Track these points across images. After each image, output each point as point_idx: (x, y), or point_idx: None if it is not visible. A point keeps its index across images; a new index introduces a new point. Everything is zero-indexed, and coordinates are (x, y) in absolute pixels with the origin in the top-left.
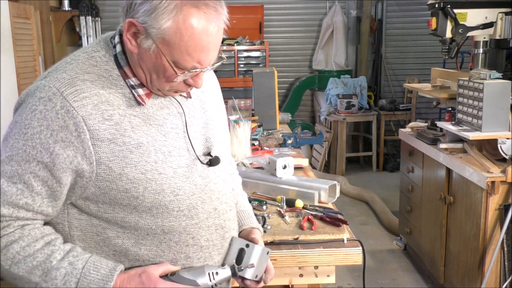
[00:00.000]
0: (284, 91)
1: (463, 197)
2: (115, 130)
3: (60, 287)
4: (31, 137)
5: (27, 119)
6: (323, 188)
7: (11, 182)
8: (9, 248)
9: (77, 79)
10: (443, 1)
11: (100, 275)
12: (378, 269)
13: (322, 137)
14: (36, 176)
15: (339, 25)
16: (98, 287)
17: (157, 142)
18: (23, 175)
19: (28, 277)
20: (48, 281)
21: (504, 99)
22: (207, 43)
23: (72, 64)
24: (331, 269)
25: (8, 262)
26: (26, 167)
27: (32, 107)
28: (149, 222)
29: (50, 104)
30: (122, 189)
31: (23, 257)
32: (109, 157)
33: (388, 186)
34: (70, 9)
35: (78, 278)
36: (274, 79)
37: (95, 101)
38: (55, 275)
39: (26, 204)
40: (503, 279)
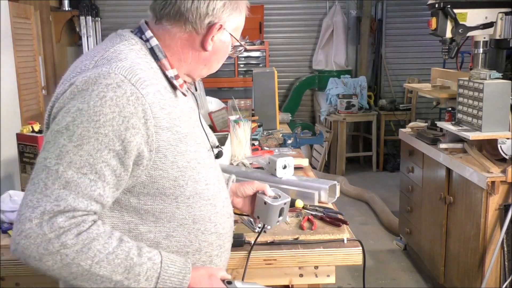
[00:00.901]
0: (284, 91)
1: (463, 197)
2: (169, 119)
3: (142, 283)
4: (103, 125)
5: (97, 106)
6: (323, 188)
7: (81, 173)
8: (90, 246)
9: (136, 67)
10: (443, 1)
11: (177, 268)
12: (378, 269)
13: (322, 137)
14: (108, 165)
15: (339, 25)
16: (177, 280)
17: (192, 133)
18: (95, 165)
19: (110, 276)
20: (130, 278)
21: (504, 99)
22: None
23: (122, 54)
24: (331, 269)
25: (88, 262)
26: (98, 156)
27: (100, 93)
28: (184, 212)
29: (120, 91)
30: (172, 177)
31: (105, 255)
32: (165, 145)
33: (388, 186)
34: (70, 9)
35: (159, 272)
36: (274, 79)
37: (154, 90)
38: (138, 272)
39: (99, 195)
40: (503, 279)
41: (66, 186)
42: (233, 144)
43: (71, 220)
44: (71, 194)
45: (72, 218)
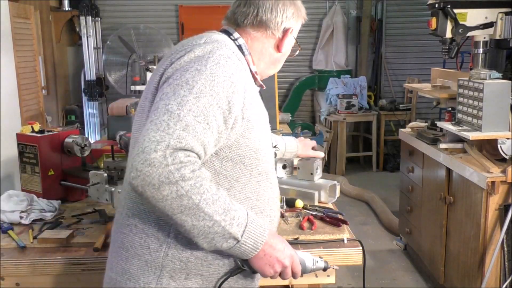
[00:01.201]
0: (284, 91)
1: (463, 197)
2: (253, 98)
3: (234, 227)
4: (217, 85)
5: (213, 69)
6: (323, 188)
7: (197, 121)
8: (202, 183)
9: (234, 55)
10: (443, 1)
11: (259, 222)
12: (378, 269)
13: (322, 137)
14: (216, 120)
15: (339, 25)
16: (259, 232)
17: (262, 119)
18: (208, 116)
19: (211, 214)
20: (226, 220)
21: (504, 99)
22: None
23: (223, 42)
24: (331, 269)
25: (198, 197)
26: (210, 110)
27: (215, 60)
28: (252, 187)
29: (230, 61)
30: (254, 148)
31: (211, 195)
32: (254, 118)
33: (388, 186)
34: (70, 9)
35: (247, 221)
36: (274, 79)
37: (246, 74)
38: (233, 216)
39: (208, 143)
40: (503, 279)
41: (185, 128)
42: None
43: (188, 157)
44: (189, 135)
45: (189, 156)
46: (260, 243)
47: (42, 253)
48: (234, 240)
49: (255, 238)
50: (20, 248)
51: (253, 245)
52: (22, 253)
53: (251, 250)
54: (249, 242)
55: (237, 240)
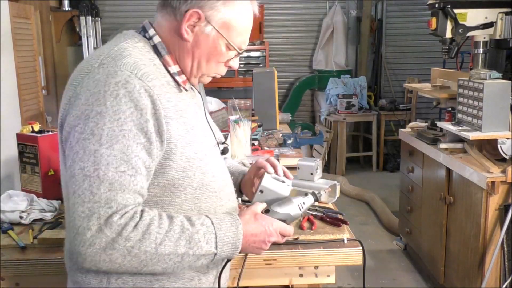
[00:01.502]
0: (284, 91)
1: (463, 197)
2: (175, 110)
3: (204, 248)
4: (125, 121)
5: (114, 105)
6: (323, 188)
7: (119, 171)
8: (150, 231)
9: (140, 63)
10: (443, 1)
11: (228, 223)
12: (378, 269)
13: (322, 137)
14: (139, 158)
15: (339, 25)
16: (232, 233)
17: (198, 126)
18: (130, 161)
19: (175, 251)
20: (193, 247)
21: (504, 99)
22: (251, 25)
23: (125, 52)
24: (331, 269)
25: (153, 245)
26: (130, 152)
27: (113, 93)
28: (191, 204)
29: (130, 86)
30: (180, 168)
31: (165, 234)
32: (175, 135)
33: (388, 186)
34: (70, 9)
35: (215, 232)
36: (274, 79)
37: (159, 84)
38: (198, 238)
39: (141, 187)
40: (503, 279)
41: (111, 188)
42: (233, 144)
43: (125, 216)
44: (118, 193)
45: (125, 213)
46: (238, 241)
47: (42, 253)
48: (211, 255)
49: (231, 240)
50: (20, 248)
51: (232, 247)
52: (22, 253)
53: (233, 252)
54: (227, 248)
55: (214, 253)
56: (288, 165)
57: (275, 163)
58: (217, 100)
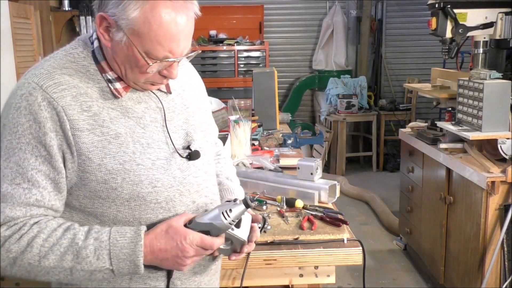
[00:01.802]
0: (284, 91)
1: (463, 197)
2: (93, 120)
3: (94, 263)
4: (23, 134)
5: (14, 118)
6: (323, 188)
7: (14, 184)
8: (32, 244)
9: (55, 73)
10: (443, 1)
11: (128, 238)
12: (378, 269)
13: (322, 137)
14: (39, 171)
15: (339, 25)
16: (130, 250)
17: (135, 134)
18: (25, 174)
19: (60, 265)
20: (81, 262)
21: (504, 99)
22: (176, 32)
23: (50, 61)
24: (331, 269)
25: (36, 258)
26: (26, 165)
27: (16, 105)
28: (127, 215)
29: (31, 98)
30: (101, 180)
31: (49, 248)
32: (88, 147)
33: (388, 186)
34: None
35: (108, 249)
36: (274, 79)
37: (74, 93)
38: (86, 254)
39: (37, 200)
40: (503, 279)
41: (3, 199)
42: (233, 144)
43: (12, 228)
44: (7, 206)
45: (13, 226)
46: (137, 259)
47: None
48: (107, 271)
49: (128, 258)
50: None
51: (131, 264)
52: None
53: (134, 269)
54: (125, 265)
55: (111, 269)
56: (288, 165)
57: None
58: (217, 100)
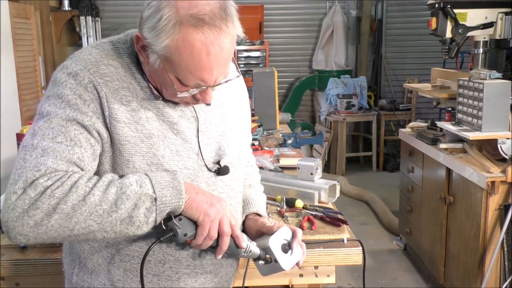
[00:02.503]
0: (284, 91)
1: (463, 197)
2: (130, 115)
3: (138, 191)
4: (68, 103)
5: (59, 90)
6: (323, 188)
7: (56, 142)
8: (77, 185)
9: (101, 63)
10: (443, 1)
11: (164, 173)
12: (378, 269)
13: (322, 137)
14: (81, 133)
15: (339, 25)
16: (170, 178)
17: (167, 139)
18: (68, 133)
19: (106, 199)
20: (126, 191)
21: (504, 99)
22: (207, 63)
23: (98, 49)
24: (331, 269)
25: (81, 198)
26: (69, 125)
27: (61, 80)
28: None
29: (78, 78)
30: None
31: (93, 186)
32: (121, 140)
33: (388, 186)
34: (70, 9)
35: (149, 178)
36: (274, 79)
37: (116, 86)
38: (129, 182)
39: (79, 159)
40: (503, 279)
41: (43, 154)
42: None
43: (53, 178)
44: (49, 158)
45: (54, 176)
46: (179, 184)
47: (42, 253)
48: (151, 199)
49: (170, 184)
50: (20, 248)
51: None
52: (22, 253)
53: (177, 197)
54: (168, 192)
55: (154, 197)
56: (288, 165)
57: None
58: None
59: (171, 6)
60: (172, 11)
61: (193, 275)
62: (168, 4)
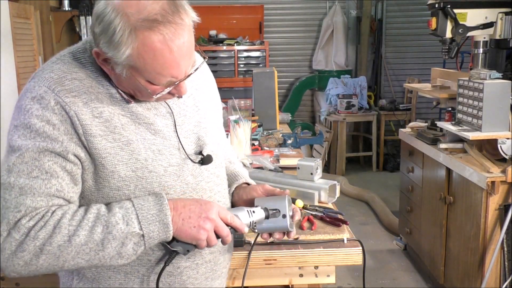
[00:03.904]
0: (284, 91)
1: (463, 197)
2: (105, 127)
3: (125, 230)
4: (37, 132)
5: (26, 119)
6: (323, 188)
7: (31, 177)
8: (60, 225)
9: (65, 78)
10: (443, 1)
11: (151, 201)
12: (378, 269)
13: (322, 137)
14: (55, 163)
15: (339, 25)
16: (157, 210)
17: (146, 141)
18: (42, 166)
19: (92, 239)
20: (112, 231)
21: (504, 99)
22: (173, 59)
23: (58, 64)
24: (331, 269)
25: (65, 238)
26: (42, 158)
27: (27, 107)
28: None
29: (44, 102)
30: (115, 187)
31: (77, 224)
32: (101, 153)
33: (388, 186)
34: (70, 9)
35: (136, 213)
36: (274, 79)
37: (85, 100)
38: (115, 221)
39: (57, 190)
40: (503, 279)
41: (21, 192)
42: (233, 144)
43: (35, 218)
44: (28, 197)
45: (35, 215)
46: (165, 217)
47: None
48: (138, 237)
49: (156, 218)
50: None
51: (161, 224)
52: None
53: (164, 231)
54: (155, 227)
55: (141, 234)
56: (288, 165)
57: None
58: None
59: (121, 16)
60: (123, 20)
61: (194, 266)
62: (116, 15)
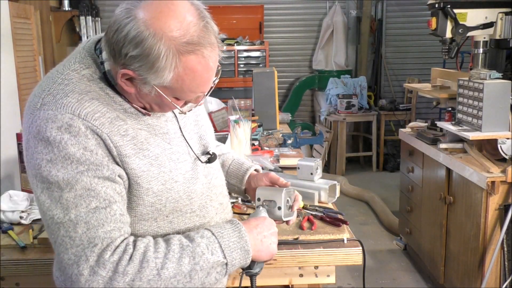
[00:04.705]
0: (284, 91)
1: (463, 197)
2: (133, 144)
3: (211, 259)
4: (78, 161)
5: (61, 151)
6: (323, 188)
7: (91, 208)
8: (147, 259)
9: (83, 100)
10: (443, 1)
11: (229, 228)
12: (378, 269)
13: (322, 137)
14: (108, 187)
15: (339, 25)
16: (237, 237)
17: (166, 151)
18: (98, 195)
19: (180, 271)
20: (199, 262)
21: (504, 99)
22: (208, 77)
23: (69, 86)
24: (331, 269)
25: (155, 272)
26: (95, 186)
27: (56, 138)
28: (167, 229)
29: (73, 129)
30: (148, 203)
31: (164, 257)
32: (136, 173)
33: (388, 186)
34: (70, 9)
35: (218, 241)
36: (274, 79)
37: (109, 119)
38: (201, 251)
39: (121, 215)
40: (503, 279)
41: (88, 226)
42: (233, 144)
43: (117, 251)
44: (98, 229)
45: (116, 248)
46: (246, 244)
47: (42, 253)
48: (222, 266)
49: (238, 245)
50: (20, 248)
51: (242, 251)
52: (22, 253)
53: (245, 257)
54: (237, 255)
55: (225, 263)
56: (288, 165)
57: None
58: (217, 100)
59: (164, 42)
60: (166, 46)
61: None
62: (159, 39)
